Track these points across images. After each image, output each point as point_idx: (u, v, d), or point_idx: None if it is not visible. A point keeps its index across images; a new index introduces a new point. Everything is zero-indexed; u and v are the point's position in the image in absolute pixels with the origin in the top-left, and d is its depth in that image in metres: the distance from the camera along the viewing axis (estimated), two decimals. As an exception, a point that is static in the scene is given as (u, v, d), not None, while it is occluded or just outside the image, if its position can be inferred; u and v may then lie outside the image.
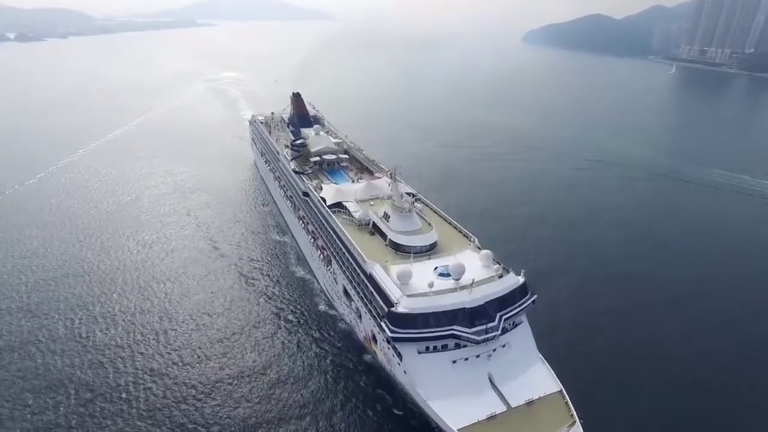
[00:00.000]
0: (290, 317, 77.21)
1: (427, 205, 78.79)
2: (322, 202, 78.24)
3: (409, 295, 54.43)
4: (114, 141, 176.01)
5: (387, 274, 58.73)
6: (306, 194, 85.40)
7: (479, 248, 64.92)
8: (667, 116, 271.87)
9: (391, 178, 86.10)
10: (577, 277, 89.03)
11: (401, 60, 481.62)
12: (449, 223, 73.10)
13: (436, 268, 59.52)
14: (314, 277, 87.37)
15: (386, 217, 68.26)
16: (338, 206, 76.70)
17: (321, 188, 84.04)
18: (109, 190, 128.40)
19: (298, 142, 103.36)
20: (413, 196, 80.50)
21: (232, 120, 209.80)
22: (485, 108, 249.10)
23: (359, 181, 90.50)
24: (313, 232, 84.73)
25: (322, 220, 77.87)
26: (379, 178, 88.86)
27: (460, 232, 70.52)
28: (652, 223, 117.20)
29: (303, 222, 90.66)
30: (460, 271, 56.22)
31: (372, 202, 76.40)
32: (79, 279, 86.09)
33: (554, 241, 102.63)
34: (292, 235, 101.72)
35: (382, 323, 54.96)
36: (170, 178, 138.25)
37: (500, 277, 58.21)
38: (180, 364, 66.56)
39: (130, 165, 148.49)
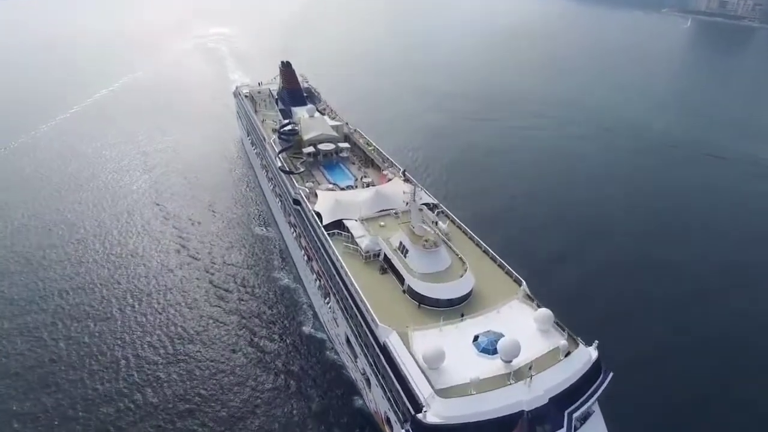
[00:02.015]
0: (267, 343, 63.06)
1: (453, 222, 61.06)
2: (316, 219, 60.37)
3: (442, 391, 37.83)
4: (82, 112, 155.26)
5: (408, 348, 41.89)
6: (297, 202, 67.42)
7: (531, 299, 47.93)
8: (684, 78, 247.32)
9: (403, 177, 69.25)
10: (647, 316, 69.73)
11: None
12: (485, 253, 55.60)
13: (476, 337, 42.63)
14: (299, 284, 73.23)
15: (403, 249, 50.81)
16: (338, 226, 59.01)
17: (315, 195, 66.10)
18: (60, 172, 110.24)
19: (288, 128, 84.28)
20: (434, 208, 62.94)
21: (219, 86, 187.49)
22: (487, 69, 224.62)
23: (364, 180, 72.83)
24: (306, 248, 67.59)
25: (318, 244, 60.43)
26: (389, 179, 70.87)
27: (500, 267, 53.17)
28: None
29: (294, 230, 73.34)
30: (514, 351, 39.44)
31: (382, 222, 58.78)
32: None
33: (598, 255, 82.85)
34: (278, 229, 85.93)
35: (405, 434, 38.52)
36: (140, 156, 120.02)
37: (567, 354, 41.42)
38: (126, 400, 54.42)
39: (92, 140, 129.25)
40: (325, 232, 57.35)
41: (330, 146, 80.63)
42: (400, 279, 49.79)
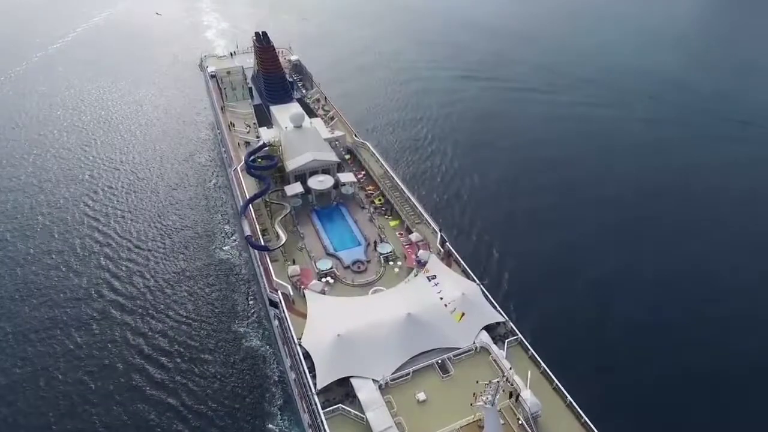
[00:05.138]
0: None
1: (535, 363, 36.07)
2: (304, 366, 35.16)
3: None
4: (21, 75, 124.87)
5: None
6: (274, 305, 41.93)
7: None
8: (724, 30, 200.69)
9: (441, 250, 44.11)
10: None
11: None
12: None
13: None
14: (271, 346, 51.73)
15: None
16: (342, 382, 34.07)
17: (303, 294, 40.69)
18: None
19: (263, 152, 56.70)
20: (500, 328, 37.90)
21: (191, 36, 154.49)
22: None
23: (380, 251, 46.69)
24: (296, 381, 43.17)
25: (311, 411, 35.69)
26: (419, 260, 44.56)
27: None
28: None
29: (278, 325, 48.54)
30: None
31: (420, 393, 33.63)
32: None
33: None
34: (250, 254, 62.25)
35: None
36: (82, 139, 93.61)
37: None
38: None
39: (24, 114, 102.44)
40: (321, 411, 32.35)
41: (327, 181, 53.89)
42: None
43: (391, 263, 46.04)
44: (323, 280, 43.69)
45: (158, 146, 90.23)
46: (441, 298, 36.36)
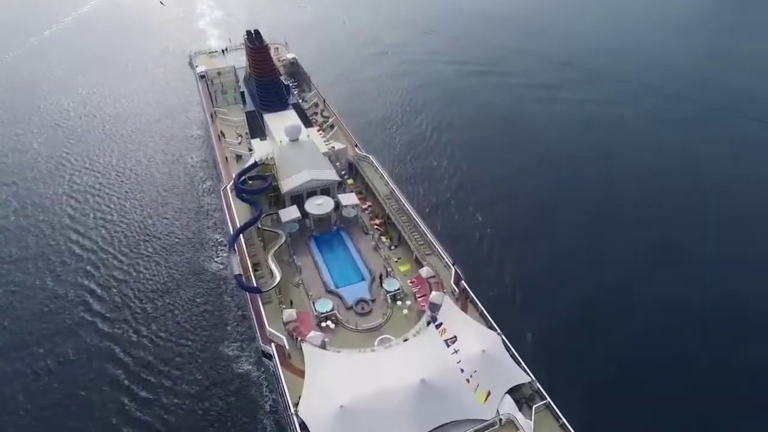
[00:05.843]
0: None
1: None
2: None
3: None
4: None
5: None
6: (268, 356, 37.15)
7: None
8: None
9: (454, 288, 39.28)
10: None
11: None
12: None
13: None
14: (263, 371, 45.98)
15: None
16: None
17: (300, 347, 35.88)
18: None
19: (253, 172, 51.40)
20: (524, 389, 33.47)
21: (185, 30, 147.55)
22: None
23: (385, 287, 41.84)
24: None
25: None
26: (433, 302, 39.26)
27: None
28: None
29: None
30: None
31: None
32: None
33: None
34: None
35: None
36: (61, 136, 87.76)
37: None
38: None
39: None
40: None
41: (327, 205, 48.68)
42: None
43: (399, 303, 41.13)
44: (323, 324, 38.98)
45: (147, 144, 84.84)
46: (462, 370, 31.33)
